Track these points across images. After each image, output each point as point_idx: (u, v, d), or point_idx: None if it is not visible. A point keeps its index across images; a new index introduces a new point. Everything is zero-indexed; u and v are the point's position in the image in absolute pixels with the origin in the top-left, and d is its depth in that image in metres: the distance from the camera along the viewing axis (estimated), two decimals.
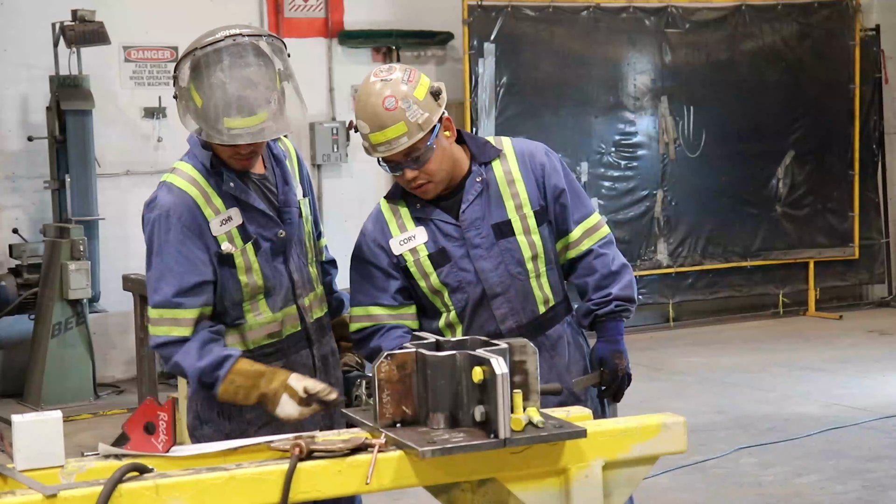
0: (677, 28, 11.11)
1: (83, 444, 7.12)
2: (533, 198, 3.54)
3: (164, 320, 3.38)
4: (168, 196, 3.41)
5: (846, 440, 7.02)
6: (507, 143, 3.61)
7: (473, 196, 3.52)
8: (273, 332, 3.51)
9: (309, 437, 2.86)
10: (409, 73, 3.41)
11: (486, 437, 2.79)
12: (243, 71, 3.28)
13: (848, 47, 11.69)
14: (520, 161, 3.56)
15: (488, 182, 3.53)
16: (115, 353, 9.66)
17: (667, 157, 11.10)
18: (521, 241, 3.53)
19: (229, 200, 3.43)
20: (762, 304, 11.85)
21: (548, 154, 3.60)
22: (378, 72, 3.42)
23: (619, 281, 3.59)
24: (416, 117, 3.35)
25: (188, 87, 3.32)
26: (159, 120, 9.78)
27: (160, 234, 3.39)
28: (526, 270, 3.54)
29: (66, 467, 2.74)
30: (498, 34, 10.43)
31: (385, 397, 2.90)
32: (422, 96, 3.37)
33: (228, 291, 3.44)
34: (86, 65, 9.17)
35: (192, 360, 3.34)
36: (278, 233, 3.49)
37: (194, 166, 3.45)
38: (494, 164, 3.55)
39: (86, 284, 8.65)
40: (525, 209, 3.53)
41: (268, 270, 3.48)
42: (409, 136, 3.35)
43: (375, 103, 3.35)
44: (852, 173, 11.77)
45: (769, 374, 9.03)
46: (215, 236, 3.40)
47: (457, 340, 3.09)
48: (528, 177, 3.54)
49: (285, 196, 3.54)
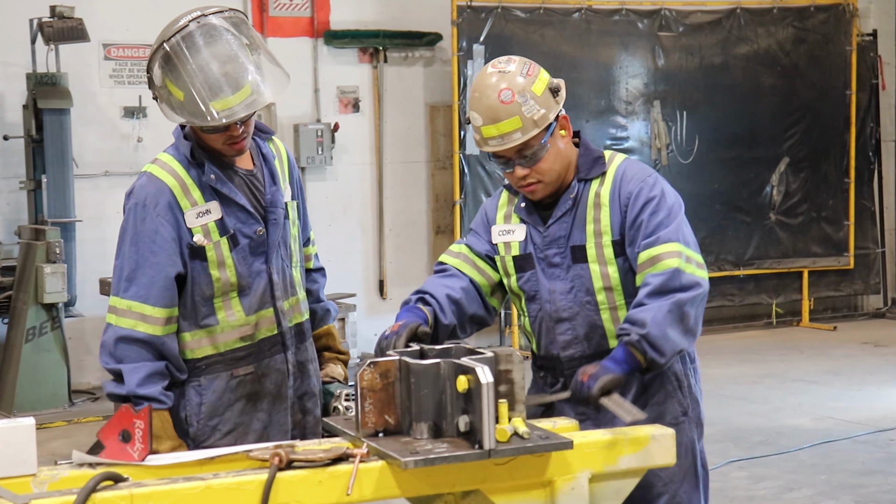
0: (671, 31, 11.15)
1: (56, 452, 7.10)
2: (615, 226, 3.40)
3: (131, 313, 3.37)
4: (146, 185, 3.43)
5: (839, 454, 7.03)
6: (615, 164, 3.46)
7: (561, 213, 3.45)
8: (246, 336, 3.50)
9: (289, 446, 2.86)
10: (529, 67, 3.37)
11: (470, 447, 2.79)
12: (218, 48, 3.32)
13: (844, 52, 11.73)
14: (612, 185, 3.42)
15: (578, 201, 3.44)
16: (91, 358, 9.61)
17: (659, 162, 11.12)
18: (593, 269, 3.42)
19: (209, 193, 3.44)
20: (755, 314, 11.88)
21: (643, 182, 3.39)
22: (496, 63, 3.39)
23: (650, 312, 3.21)
24: (532, 112, 3.31)
25: (164, 85, 3.36)
26: (139, 119, 9.77)
27: (135, 223, 3.41)
28: (595, 301, 3.43)
29: (39, 476, 2.73)
30: (487, 35, 10.44)
31: (367, 406, 2.90)
32: (540, 91, 3.33)
33: (199, 286, 3.44)
34: (64, 62, 9.15)
35: (134, 381, 3.33)
36: (258, 230, 3.49)
37: (175, 157, 3.48)
38: (593, 183, 3.44)
39: (61, 288, 8.62)
40: (605, 237, 3.40)
41: (243, 268, 3.47)
42: (524, 132, 3.32)
43: (491, 95, 3.32)
44: (848, 181, 11.81)
45: (761, 385, 9.05)
46: (189, 228, 3.41)
47: (441, 348, 3.09)
48: (615, 204, 3.40)
49: (272, 196, 3.55)
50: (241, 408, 3.50)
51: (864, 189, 12.00)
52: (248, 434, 3.49)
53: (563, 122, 3.42)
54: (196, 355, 3.47)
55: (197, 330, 3.47)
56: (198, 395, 3.47)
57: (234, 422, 3.47)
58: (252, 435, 3.49)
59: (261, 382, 3.52)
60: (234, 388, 3.48)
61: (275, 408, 3.54)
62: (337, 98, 10.59)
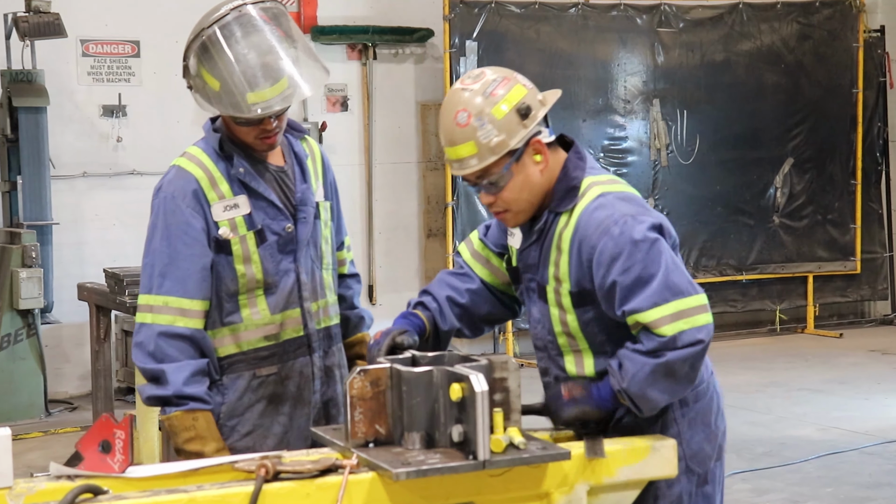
0: (671, 27, 11.16)
1: (33, 464, 7.08)
2: (573, 277, 3.14)
3: (169, 309, 3.40)
4: (174, 179, 3.48)
5: (846, 466, 7.04)
6: (584, 202, 3.14)
7: (528, 243, 3.26)
8: (270, 335, 3.53)
9: (275, 456, 2.86)
10: (496, 85, 3.13)
11: (464, 458, 2.79)
12: (257, 39, 3.38)
13: (851, 49, 11.76)
14: (574, 230, 3.13)
15: (545, 235, 3.21)
16: (69, 367, 9.61)
17: (658, 163, 11.14)
18: (552, 312, 3.23)
19: (238, 187, 3.48)
20: (758, 321, 11.90)
21: (607, 234, 3.06)
22: (465, 77, 3.21)
23: (634, 366, 3.03)
24: (488, 138, 3.09)
25: (199, 75, 3.40)
26: (118, 118, 9.75)
27: (166, 217, 3.44)
28: (557, 343, 3.26)
29: (15, 489, 2.72)
30: (481, 31, 10.45)
31: (357, 415, 2.90)
32: (501, 115, 3.09)
33: (223, 281, 3.48)
34: (40, 59, 9.13)
35: (180, 380, 3.36)
36: (286, 227, 3.53)
37: (204, 150, 3.52)
38: (562, 218, 3.18)
39: (38, 293, 8.61)
40: (563, 285, 3.17)
41: (270, 265, 3.51)
42: (480, 159, 3.11)
43: (449, 115, 3.15)
44: (854, 183, 11.83)
45: (765, 394, 9.06)
46: (216, 221, 3.45)
47: (434, 355, 3.09)
48: (574, 253, 3.12)
49: (302, 193, 3.59)
50: (262, 409, 3.53)
51: (872, 191, 12.03)
52: (267, 437, 3.53)
53: (538, 146, 3.15)
54: (218, 354, 3.52)
55: (221, 327, 3.51)
56: (220, 395, 3.51)
57: (254, 423, 3.52)
58: (272, 438, 3.53)
59: (283, 384, 3.55)
60: (255, 389, 3.52)
61: (296, 412, 3.57)
62: (324, 96, 10.59)
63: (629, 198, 3.18)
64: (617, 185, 3.23)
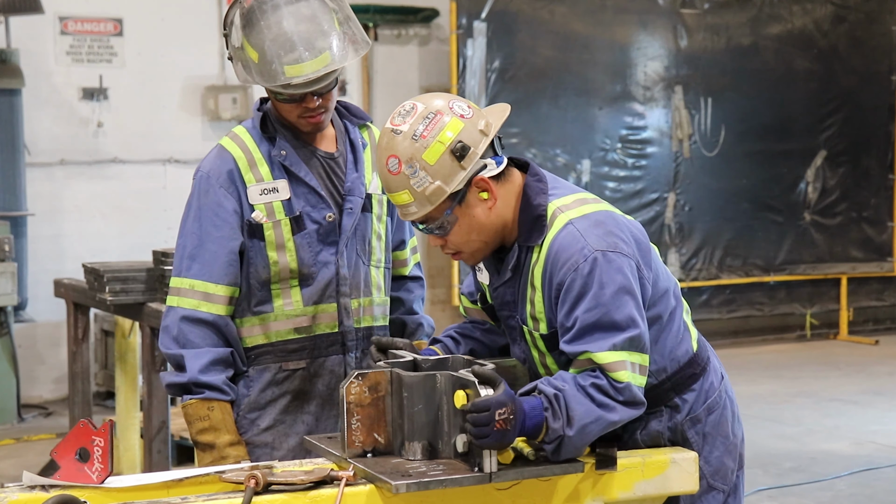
0: (694, 8, 11.16)
1: (4, 473, 7.10)
2: (548, 317, 3.07)
3: (194, 292, 3.49)
4: (213, 158, 3.56)
5: (882, 483, 7.04)
6: (553, 232, 3.05)
7: (502, 281, 3.17)
8: (301, 327, 3.58)
9: (266, 467, 2.86)
10: (427, 124, 2.99)
11: (468, 470, 2.80)
12: (300, 9, 3.43)
13: (890, 33, 11.76)
14: (545, 265, 3.05)
15: (520, 271, 3.12)
16: (44, 369, 9.62)
17: (680, 155, 11.14)
18: (533, 354, 3.18)
19: (278, 170, 3.54)
20: (786, 326, 11.89)
21: (575, 271, 2.97)
22: (394, 115, 3.05)
23: (584, 417, 2.89)
24: (422, 186, 2.99)
25: (241, 46, 3.46)
26: (99, 102, 9.76)
27: (199, 196, 3.53)
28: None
29: None
30: (490, 12, 10.45)
31: (354, 423, 2.90)
32: (433, 159, 2.97)
33: (255, 267, 3.54)
34: (15, 37, 9.15)
35: (196, 367, 3.44)
36: (328, 216, 3.56)
37: (249, 130, 3.60)
38: (534, 252, 3.08)
39: (11, 290, 8.62)
40: (540, 324, 3.10)
41: (306, 254, 3.55)
42: (419, 206, 3.02)
43: (381, 160, 3.05)
44: (892, 177, 11.83)
45: (793, 405, 9.06)
46: (252, 204, 3.52)
47: (437, 359, 3.10)
48: (547, 289, 3.05)
49: (352, 183, 3.62)
50: (286, 405, 3.57)
51: None
52: (289, 435, 3.57)
53: (481, 184, 3.02)
54: (246, 344, 3.58)
55: (250, 316, 3.57)
56: (245, 388, 3.57)
57: (275, 418, 3.56)
58: (294, 437, 3.56)
59: (312, 381, 3.59)
60: (280, 382, 3.56)
61: (323, 412, 3.60)
62: None
63: (599, 221, 3.06)
64: (584, 208, 3.10)
